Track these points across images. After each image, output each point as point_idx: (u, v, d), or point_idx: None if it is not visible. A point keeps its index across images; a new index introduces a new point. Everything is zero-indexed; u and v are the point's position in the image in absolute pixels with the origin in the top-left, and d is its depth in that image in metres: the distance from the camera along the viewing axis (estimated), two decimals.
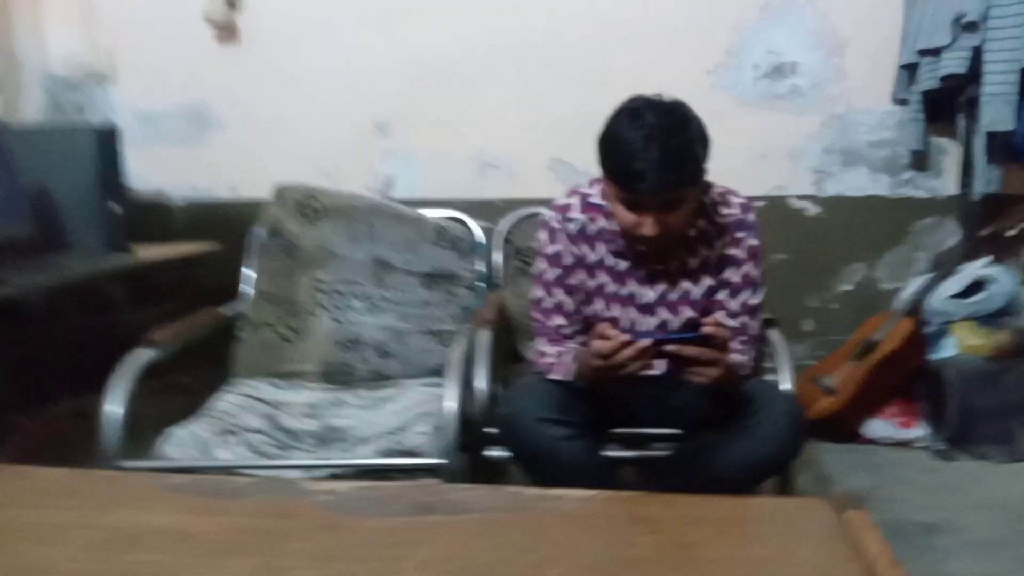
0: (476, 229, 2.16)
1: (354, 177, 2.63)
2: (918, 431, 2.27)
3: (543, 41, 2.49)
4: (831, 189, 2.49)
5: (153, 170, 2.73)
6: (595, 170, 1.44)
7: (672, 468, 1.50)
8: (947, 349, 2.23)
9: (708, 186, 1.51)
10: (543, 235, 1.57)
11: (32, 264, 2.01)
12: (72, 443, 1.52)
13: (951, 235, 2.43)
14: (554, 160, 2.54)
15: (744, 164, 2.42)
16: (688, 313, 1.53)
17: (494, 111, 2.53)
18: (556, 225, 1.55)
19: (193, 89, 2.66)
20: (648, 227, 1.36)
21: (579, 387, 1.44)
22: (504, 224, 2.18)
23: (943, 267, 2.31)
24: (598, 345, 1.29)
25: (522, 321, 2.02)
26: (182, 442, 1.51)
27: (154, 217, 2.75)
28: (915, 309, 2.29)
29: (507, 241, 2.16)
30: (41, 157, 2.21)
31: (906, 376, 2.30)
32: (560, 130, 2.49)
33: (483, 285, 2.10)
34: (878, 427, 2.29)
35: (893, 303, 2.43)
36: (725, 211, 1.52)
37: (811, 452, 2.13)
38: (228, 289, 2.09)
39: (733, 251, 1.52)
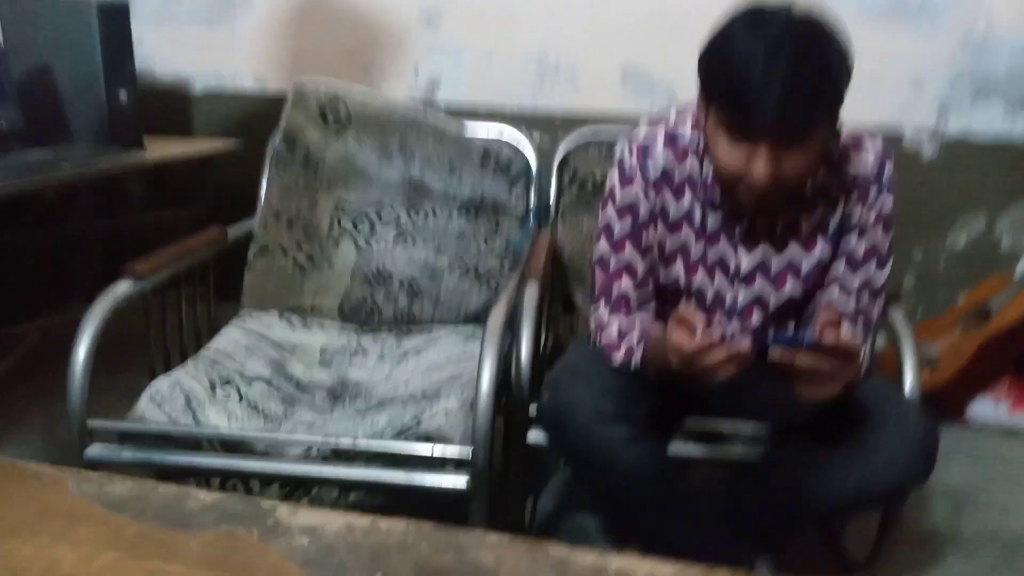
0: (529, 152, 1.81)
1: (394, 74, 2.30)
2: None
3: None
4: (955, 126, 2.07)
5: (174, 53, 2.44)
6: (678, 84, 1.09)
7: (758, 477, 1.21)
8: None
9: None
10: (614, 176, 1.24)
11: (23, 159, 1.76)
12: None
13: None
14: (627, 69, 2.16)
15: (854, 88, 2.01)
16: (793, 288, 1.21)
17: (559, 6, 2.14)
18: (632, 165, 1.22)
19: None
20: (761, 169, 1.00)
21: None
22: (563, 147, 1.83)
23: None
24: (679, 342, 0.98)
25: (577, 264, 1.71)
26: (164, 398, 1.26)
27: (172, 108, 2.47)
28: None
29: (565, 166, 1.81)
30: (35, 35, 1.93)
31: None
32: (636, 31, 2.09)
33: (534, 219, 1.77)
34: (985, 408, 1.97)
35: (1016, 267, 2.06)
36: (855, 162, 1.17)
37: None
38: (251, 197, 1.82)
39: (860, 213, 1.18)
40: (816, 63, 0.97)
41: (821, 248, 1.19)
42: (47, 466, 0.88)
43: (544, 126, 2.17)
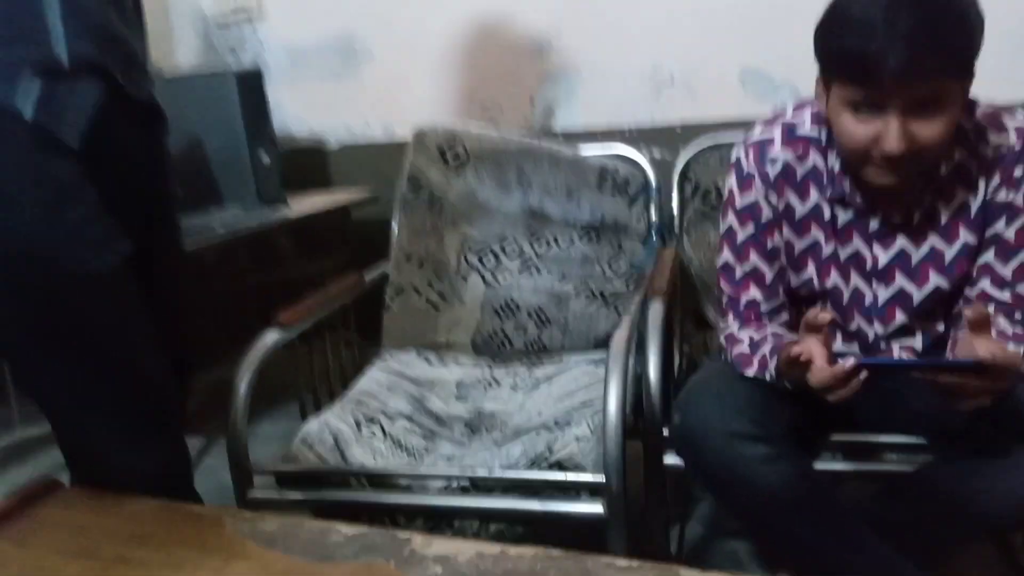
0: (647, 167, 1.80)
1: (512, 108, 2.34)
2: None
3: None
4: None
5: (307, 111, 2.60)
6: (800, 82, 1.06)
7: (916, 489, 1.12)
8: None
9: (972, 103, 1.08)
10: (732, 181, 1.21)
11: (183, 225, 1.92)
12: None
13: None
14: (745, 70, 2.09)
15: (996, 57, 1.83)
16: (937, 282, 1.13)
17: (670, 14, 2.10)
18: (749, 166, 1.18)
19: (341, 19, 2.47)
20: (893, 138, 0.95)
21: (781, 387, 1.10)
22: (681, 158, 1.80)
23: None
24: (813, 376, 0.95)
25: (707, 279, 1.67)
26: (316, 440, 1.34)
27: (311, 163, 2.64)
28: None
29: (686, 179, 1.78)
30: (184, 109, 2.11)
31: None
32: (752, 32, 2.02)
33: (656, 236, 1.75)
34: None
35: None
36: (995, 138, 1.08)
37: None
38: (388, 241, 1.92)
39: (1006, 195, 1.09)
40: (943, 14, 0.92)
41: (965, 235, 1.10)
42: (208, 506, 0.96)
43: (664, 140, 2.14)
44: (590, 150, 1.85)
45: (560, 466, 1.19)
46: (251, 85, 2.10)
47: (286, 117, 2.57)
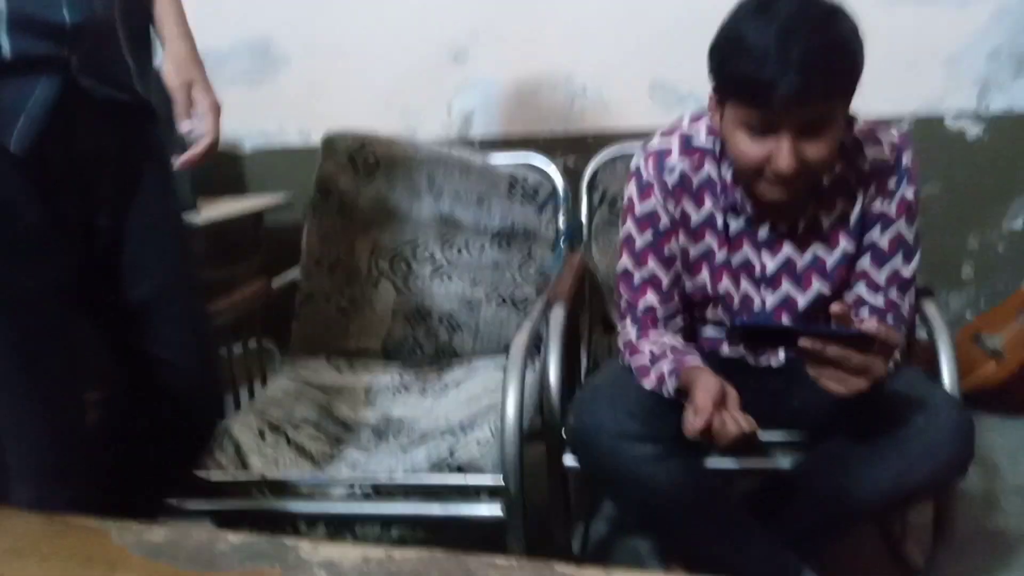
0: (556, 175, 1.83)
1: (429, 114, 2.35)
2: None
3: None
4: (998, 104, 2.00)
5: (223, 116, 2.56)
6: (704, 94, 1.11)
7: (794, 483, 1.18)
8: None
9: (851, 118, 1.14)
10: (632, 189, 1.25)
11: None
12: None
13: None
14: (654, 83, 2.16)
15: (886, 75, 1.94)
16: (820, 287, 1.19)
17: (584, 28, 2.16)
18: (648, 175, 1.22)
19: (257, 24, 2.43)
20: (785, 159, 1.00)
21: None
22: (590, 167, 1.84)
23: None
24: (687, 422, 1.01)
25: (612, 283, 1.70)
26: (216, 448, 1.32)
27: (225, 168, 2.59)
28: None
29: (594, 187, 1.82)
30: None
31: None
32: (661, 46, 2.11)
33: (564, 243, 1.78)
34: None
35: None
36: (871, 152, 1.14)
37: None
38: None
39: (881, 206, 1.16)
40: (830, 43, 0.97)
41: (844, 243, 1.17)
42: (91, 518, 0.93)
43: (577, 149, 2.18)
44: (505, 158, 1.87)
45: (461, 468, 1.20)
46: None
47: None
